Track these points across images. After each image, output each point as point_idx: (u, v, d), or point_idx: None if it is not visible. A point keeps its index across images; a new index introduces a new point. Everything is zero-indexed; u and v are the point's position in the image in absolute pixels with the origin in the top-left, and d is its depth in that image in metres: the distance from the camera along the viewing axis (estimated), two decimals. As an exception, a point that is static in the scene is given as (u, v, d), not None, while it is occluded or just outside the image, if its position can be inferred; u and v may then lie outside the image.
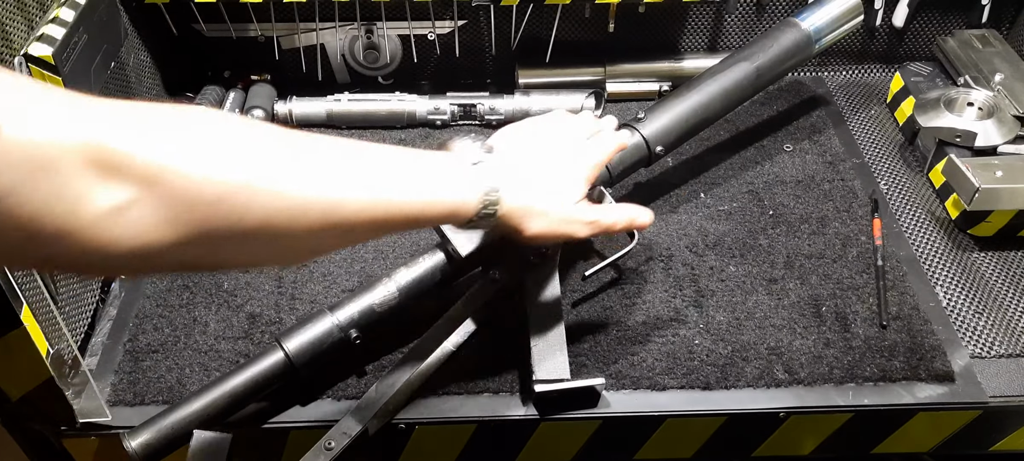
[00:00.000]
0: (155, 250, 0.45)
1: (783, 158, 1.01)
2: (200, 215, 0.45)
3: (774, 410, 0.74)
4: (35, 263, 0.46)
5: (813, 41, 0.94)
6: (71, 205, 0.41)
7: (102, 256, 0.44)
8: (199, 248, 0.46)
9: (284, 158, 0.48)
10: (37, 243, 0.42)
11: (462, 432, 0.75)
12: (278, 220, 0.48)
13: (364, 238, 0.55)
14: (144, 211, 0.43)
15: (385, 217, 0.53)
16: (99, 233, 0.43)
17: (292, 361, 0.70)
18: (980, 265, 0.89)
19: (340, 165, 0.51)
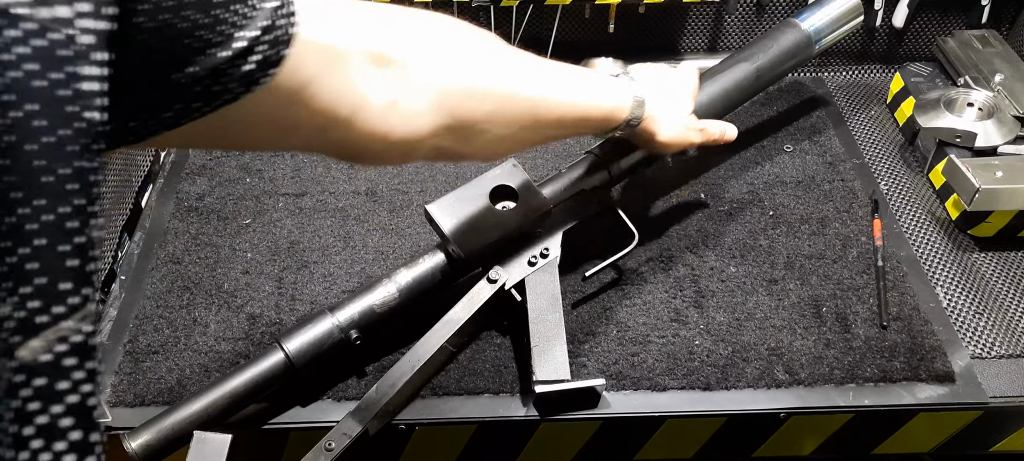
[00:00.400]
0: (417, 138, 0.55)
1: (783, 159, 1.01)
2: (453, 107, 0.56)
3: (774, 411, 0.74)
4: (326, 147, 0.55)
5: (813, 42, 0.94)
6: (359, 97, 0.51)
7: (380, 142, 0.53)
8: (449, 137, 0.57)
9: (510, 63, 0.61)
10: (330, 128, 0.50)
11: (462, 433, 0.75)
12: (503, 112, 0.60)
13: (546, 135, 0.68)
14: (413, 105, 0.54)
15: (567, 115, 0.65)
16: (379, 122, 0.52)
17: (292, 362, 0.70)
18: (980, 265, 0.89)
19: (541, 72, 0.63)
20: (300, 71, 0.46)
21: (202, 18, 0.41)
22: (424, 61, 0.54)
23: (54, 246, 0.31)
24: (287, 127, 0.50)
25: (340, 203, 0.95)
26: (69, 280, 0.32)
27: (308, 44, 0.46)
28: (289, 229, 0.92)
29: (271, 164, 1.01)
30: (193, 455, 0.67)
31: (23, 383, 0.31)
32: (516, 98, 0.60)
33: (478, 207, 0.76)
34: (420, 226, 0.92)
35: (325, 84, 0.48)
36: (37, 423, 0.32)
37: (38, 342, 0.31)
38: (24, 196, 0.30)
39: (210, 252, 0.89)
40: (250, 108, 0.45)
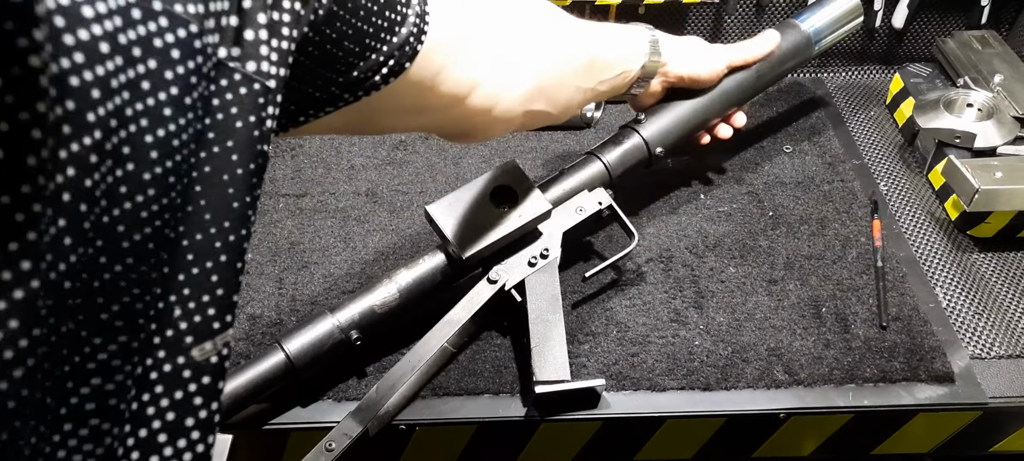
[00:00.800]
0: (517, 110, 0.64)
1: (783, 159, 1.01)
2: (541, 80, 0.65)
3: (774, 411, 0.74)
4: (445, 126, 0.64)
5: (813, 42, 0.94)
6: (474, 80, 0.58)
7: (488, 117, 0.62)
8: (540, 103, 0.66)
9: (574, 31, 0.70)
10: (451, 108, 0.58)
11: (462, 433, 0.75)
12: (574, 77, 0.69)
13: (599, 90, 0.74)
14: (512, 83, 0.62)
15: (611, 65, 0.74)
16: (489, 99, 0.60)
17: (293, 362, 0.70)
18: (980, 266, 0.89)
19: (591, 33, 0.72)
20: (432, 62, 0.53)
21: (366, 26, 0.46)
22: (515, 43, 0.63)
23: (231, 262, 0.35)
24: (418, 110, 0.57)
25: (340, 204, 0.95)
26: (236, 293, 0.36)
27: (438, 38, 0.53)
28: (289, 230, 0.92)
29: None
30: (194, 455, 0.67)
31: (191, 378, 0.35)
32: (581, 62, 0.70)
33: (478, 208, 0.76)
34: (420, 227, 0.92)
35: (451, 71, 0.56)
36: (200, 417, 0.35)
37: (209, 345, 0.35)
38: (212, 218, 0.34)
39: (210, 253, 0.89)
40: (389, 97, 0.52)
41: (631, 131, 0.86)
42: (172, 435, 0.35)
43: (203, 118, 0.33)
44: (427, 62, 0.52)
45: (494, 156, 1.02)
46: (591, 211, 0.81)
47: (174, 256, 0.33)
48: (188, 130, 0.32)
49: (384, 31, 0.48)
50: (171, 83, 0.30)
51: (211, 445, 0.36)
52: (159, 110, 0.30)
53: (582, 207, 0.81)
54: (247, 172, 0.35)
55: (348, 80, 0.48)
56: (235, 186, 0.35)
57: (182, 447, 0.35)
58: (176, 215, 0.33)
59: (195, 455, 0.35)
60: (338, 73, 0.47)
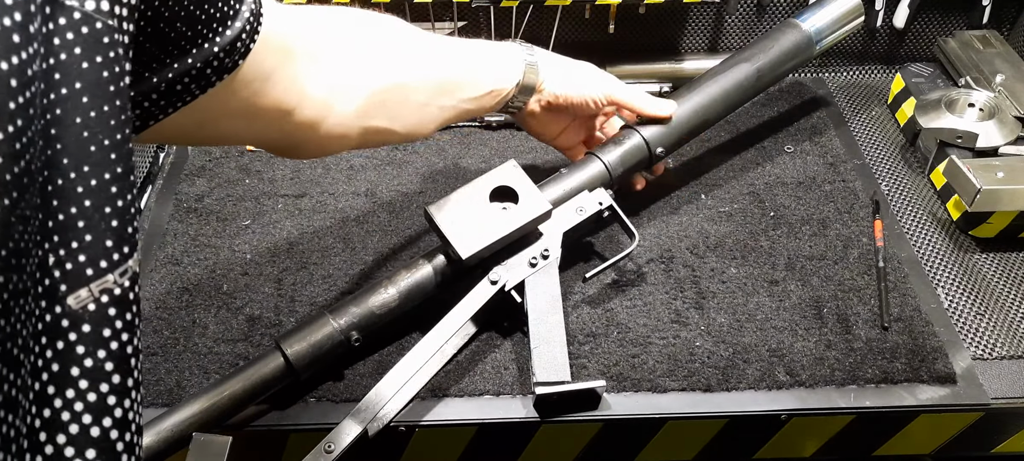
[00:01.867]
0: (349, 126, 0.63)
1: (784, 159, 1.01)
2: (378, 95, 0.64)
3: (775, 412, 0.74)
4: (275, 138, 0.62)
5: (814, 42, 0.94)
6: (300, 89, 0.58)
7: (317, 132, 0.61)
8: (378, 120, 0.65)
9: (422, 49, 0.69)
10: (281, 119, 0.58)
11: (462, 434, 0.75)
12: (420, 95, 0.68)
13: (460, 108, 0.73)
14: (343, 97, 0.61)
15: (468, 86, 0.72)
16: (317, 112, 0.60)
17: (292, 364, 0.70)
18: (981, 266, 0.88)
19: (446, 51, 0.72)
20: (264, 63, 0.53)
21: (197, 11, 0.47)
22: (351, 58, 0.62)
23: (99, 207, 0.35)
24: (248, 117, 0.56)
25: (340, 204, 0.95)
26: (111, 238, 0.36)
27: (270, 40, 0.53)
28: (288, 230, 0.91)
29: (270, 165, 1.01)
30: (193, 457, 0.67)
31: (70, 328, 0.35)
32: (434, 78, 0.69)
33: (478, 208, 0.76)
34: (420, 227, 0.91)
35: (280, 76, 0.56)
36: (84, 366, 0.35)
37: (84, 292, 0.35)
38: (71, 163, 0.34)
39: (209, 253, 0.89)
40: (223, 99, 0.52)
41: (631, 131, 0.86)
42: (59, 386, 0.35)
43: (47, 57, 0.33)
44: (258, 63, 0.53)
45: (494, 156, 1.02)
46: (591, 211, 0.81)
47: (40, 201, 0.33)
48: (35, 62, 0.32)
49: (216, 21, 0.48)
50: (11, 7, 0.31)
51: (109, 393, 0.36)
52: (6, 35, 0.30)
53: (582, 207, 0.81)
54: (102, 115, 0.35)
55: (182, 68, 0.48)
56: (91, 129, 0.35)
57: (71, 397, 0.35)
58: (37, 158, 0.33)
59: (86, 404, 0.35)
60: (172, 57, 0.47)
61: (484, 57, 0.74)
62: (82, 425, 0.35)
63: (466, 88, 0.72)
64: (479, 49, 0.75)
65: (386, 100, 0.65)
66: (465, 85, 0.72)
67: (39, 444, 0.34)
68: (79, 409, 0.35)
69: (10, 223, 0.31)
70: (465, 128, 1.07)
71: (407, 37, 0.69)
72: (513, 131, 1.07)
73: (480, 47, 0.75)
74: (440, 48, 0.71)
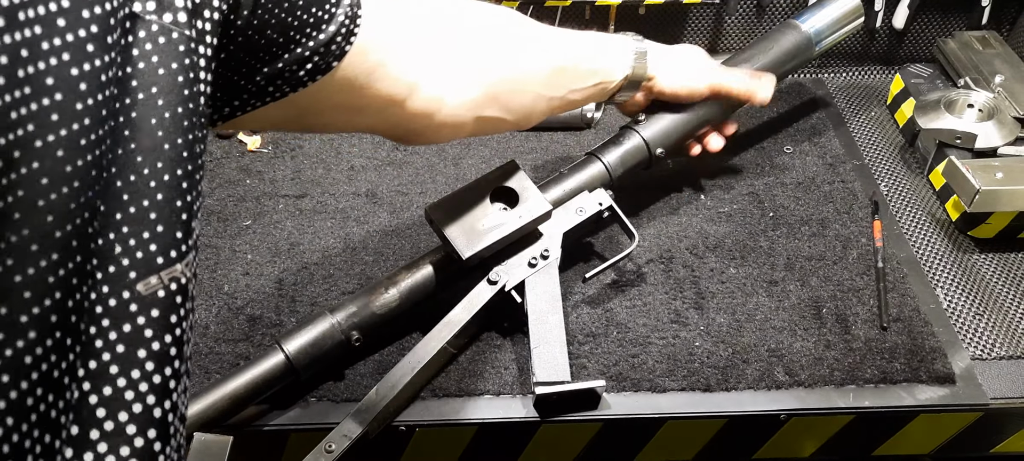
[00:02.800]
0: (464, 116, 0.64)
1: (783, 160, 1.01)
2: (493, 87, 0.65)
3: (775, 412, 0.74)
4: (387, 128, 0.63)
5: (813, 43, 0.94)
6: (413, 82, 0.59)
7: (431, 121, 0.62)
8: (492, 110, 0.66)
9: (536, 39, 0.70)
10: (389, 109, 0.59)
11: (462, 434, 0.75)
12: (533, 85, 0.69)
13: (570, 97, 0.74)
14: (458, 88, 0.62)
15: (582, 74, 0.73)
16: (431, 104, 0.61)
17: (292, 363, 0.70)
18: (980, 267, 0.89)
19: (560, 41, 0.72)
20: (366, 60, 0.54)
21: (290, 19, 0.48)
22: (463, 49, 0.63)
23: (170, 201, 0.38)
24: (353, 110, 0.57)
25: (340, 205, 0.95)
26: (180, 230, 0.38)
27: (373, 36, 0.53)
28: (289, 230, 0.92)
29: (271, 165, 1.01)
30: (193, 457, 0.67)
31: (139, 311, 0.37)
32: (544, 68, 0.69)
33: (478, 208, 0.76)
34: (420, 228, 0.92)
35: (387, 71, 0.56)
36: (152, 349, 0.37)
37: (154, 279, 0.37)
38: (145, 160, 0.37)
39: (210, 253, 0.89)
40: (321, 94, 0.53)
41: (631, 132, 0.86)
42: (123, 366, 0.36)
43: (124, 65, 0.36)
44: (359, 61, 0.53)
45: (494, 157, 1.02)
46: (591, 212, 0.81)
47: (109, 194, 0.35)
48: (111, 70, 0.34)
49: (309, 26, 0.49)
50: (88, 22, 0.33)
51: (170, 377, 0.38)
52: (80, 45, 0.33)
53: (582, 208, 0.81)
54: (176, 116, 0.38)
55: (273, 71, 0.49)
56: (165, 129, 0.37)
57: (136, 377, 0.36)
58: (107, 155, 0.35)
59: (152, 385, 0.37)
60: (262, 62, 0.48)
61: (594, 49, 0.75)
62: (146, 405, 0.37)
63: (575, 80, 0.72)
64: (589, 41, 0.75)
65: (500, 91, 0.65)
66: (575, 75, 0.72)
67: (97, 420, 0.35)
68: (144, 390, 0.37)
69: (70, 210, 0.33)
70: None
71: (517, 27, 0.69)
72: (513, 131, 1.07)
73: (590, 39, 0.75)
74: (550, 38, 0.71)
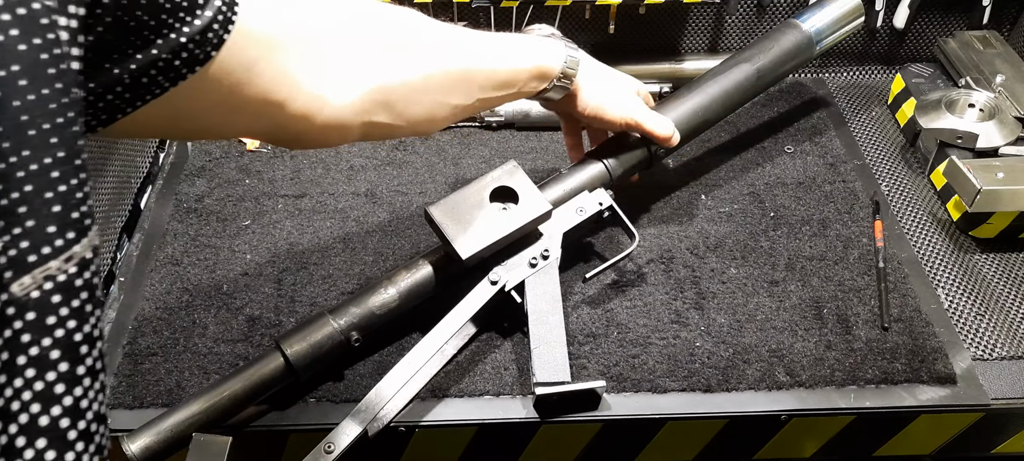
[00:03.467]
0: (347, 120, 0.60)
1: (784, 160, 1.01)
2: (381, 90, 0.61)
3: (775, 412, 0.74)
4: (267, 132, 0.60)
5: (814, 43, 0.94)
6: (292, 82, 0.55)
7: (311, 125, 0.58)
8: (381, 115, 0.62)
9: (437, 39, 0.66)
10: (268, 112, 0.55)
11: (462, 435, 0.75)
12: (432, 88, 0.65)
13: (481, 100, 0.70)
14: (341, 90, 0.58)
15: (495, 78, 0.69)
16: (311, 106, 0.57)
17: (292, 364, 0.70)
18: (982, 267, 0.88)
19: (467, 42, 0.68)
20: (244, 54, 0.51)
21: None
22: (348, 50, 0.59)
23: (40, 192, 0.35)
24: (231, 110, 0.54)
25: (340, 204, 0.95)
26: (54, 224, 0.35)
27: (252, 29, 0.50)
28: (288, 230, 0.91)
29: (270, 165, 1.00)
30: (192, 457, 0.67)
31: (15, 316, 0.34)
32: (445, 73, 0.65)
33: (478, 208, 0.76)
34: (420, 228, 0.91)
35: (264, 68, 0.53)
36: (30, 354, 0.35)
37: (28, 279, 0.34)
38: (12, 146, 0.33)
39: (209, 254, 0.89)
40: (200, 91, 0.50)
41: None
42: (8, 374, 0.34)
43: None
44: (238, 53, 0.50)
45: (494, 156, 1.02)
46: (592, 212, 0.81)
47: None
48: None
49: (182, 10, 0.46)
50: None
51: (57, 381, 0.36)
52: None
53: (582, 208, 0.81)
54: (41, 98, 0.35)
55: (148, 59, 0.47)
56: (31, 112, 0.34)
57: (19, 386, 0.34)
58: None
59: (34, 393, 0.35)
60: (135, 47, 0.46)
61: (510, 50, 0.71)
62: (31, 414, 0.35)
63: (487, 84, 0.69)
64: (504, 44, 0.71)
65: (392, 97, 0.62)
66: (485, 81, 0.69)
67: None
68: (27, 398, 0.35)
69: None
70: (465, 128, 1.07)
71: (418, 29, 0.65)
72: (513, 131, 1.07)
73: (506, 42, 0.72)
74: (456, 41, 0.68)
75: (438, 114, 0.67)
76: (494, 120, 1.06)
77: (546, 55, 0.73)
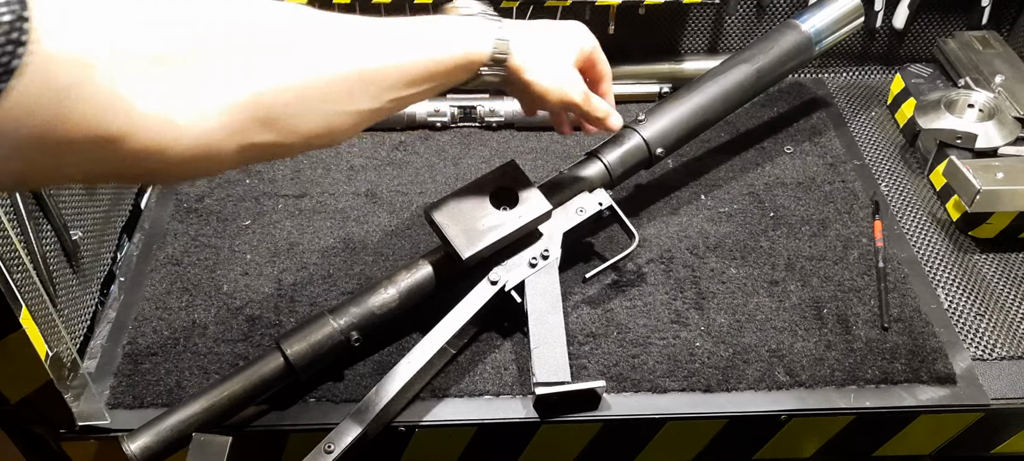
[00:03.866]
0: (212, 145, 0.47)
1: (784, 160, 1.01)
2: (257, 103, 0.48)
3: (775, 412, 0.74)
4: (113, 170, 0.47)
5: (813, 43, 0.94)
6: (127, 106, 0.43)
7: (164, 156, 0.45)
8: (261, 135, 0.50)
9: (328, 35, 0.54)
10: (105, 146, 0.43)
11: (462, 435, 0.75)
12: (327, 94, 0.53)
13: (394, 100, 0.59)
14: (200, 110, 0.46)
15: (411, 73, 0.58)
16: (158, 134, 0.45)
17: (292, 364, 0.70)
18: (981, 267, 0.89)
19: (368, 35, 0.56)
20: (51, 81, 0.40)
21: None
22: (210, 58, 0.47)
23: None
24: (53, 151, 0.42)
25: (340, 204, 0.95)
26: None
27: (54, 51, 0.40)
28: (289, 230, 0.91)
29: (271, 165, 1.00)
30: (192, 457, 0.67)
31: None
32: (342, 75, 0.54)
33: (478, 209, 0.76)
34: (420, 228, 0.91)
35: (83, 95, 0.41)
36: None
37: None
38: None
39: (209, 254, 0.89)
40: (4, 128, 0.39)
41: (631, 131, 0.85)
42: None
43: None
44: (40, 83, 0.39)
45: (494, 157, 1.02)
46: (591, 212, 0.81)
47: None
48: None
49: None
50: None
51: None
52: None
53: (582, 208, 0.81)
54: None
55: None
56: None
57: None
58: None
59: None
60: None
61: (428, 41, 0.61)
62: None
63: (400, 81, 0.58)
64: (424, 33, 0.61)
65: (273, 113, 0.50)
66: (396, 78, 0.58)
67: None
68: None
69: None
70: (465, 128, 1.07)
71: (300, 27, 0.53)
72: (513, 131, 1.07)
73: (426, 30, 0.61)
74: (354, 37, 0.56)
75: (339, 124, 0.55)
76: (494, 120, 1.06)
77: (470, 39, 0.63)
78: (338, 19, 0.55)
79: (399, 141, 1.05)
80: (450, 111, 1.06)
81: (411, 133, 1.07)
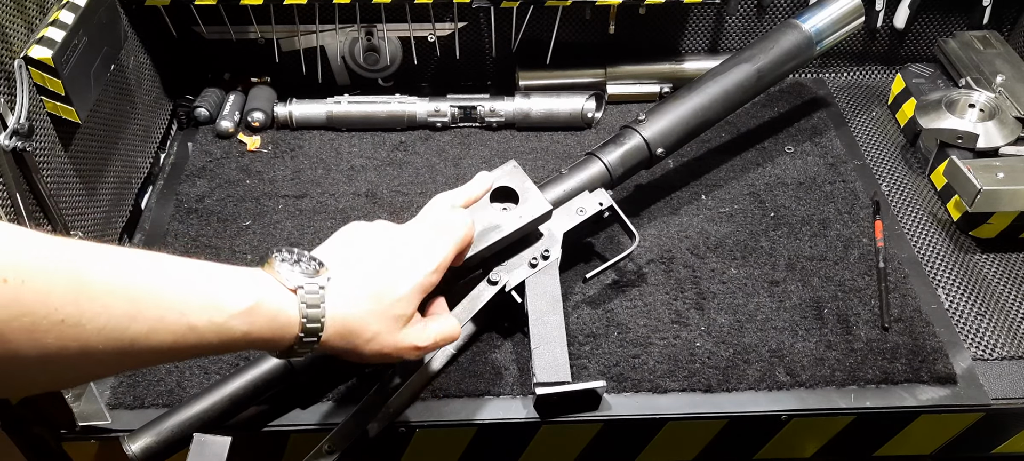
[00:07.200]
0: None
1: (784, 160, 1.01)
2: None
3: (776, 412, 0.74)
4: None
5: (814, 43, 0.94)
6: None
7: None
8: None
9: (41, 281, 0.40)
10: None
11: (463, 435, 0.75)
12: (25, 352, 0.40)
13: (136, 362, 0.47)
14: None
15: (173, 346, 0.46)
16: None
17: (292, 364, 0.70)
18: (982, 267, 0.88)
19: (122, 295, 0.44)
20: None
21: None
22: None
23: None
24: None
25: (340, 205, 0.95)
26: None
27: None
28: (289, 231, 0.91)
29: (271, 165, 1.01)
30: (193, 457, 0.67)
31: None
32: (64, 346, 0.41)
33: (479, 209, 0.76)
34: (420, 228, 0.91)
35: None
36: None
37: None
38: None
39: (210, 254, 0.89)
40: None
41: (632, 131, 0.86)
42: None
43: None
44: None
45: (494, 157, 1.02)
46: (592, 212, 0.81)
47: None
48: None
49: None
50: None
51: None
52: None
53: (583, 208, 0.81)
54: None
55: None
56: None
57: None
58: None
59: None
60: None
61: (201, 297, 0.48)
62: None
63: (156, 326, 0.45)
64: (189, 294, 0.48)
65: None
66: (148, 323, 0.45)
67: None
68: None
69: None
70: (465, 128, 1.07)
71: (19, 275, 0.39)
72: (513, 131, 1.07)
73: (195, 289, 0.48)
74: (97, 290, 0.42)
75: (39, 381, 0.44)
76: (494, 121, 1.06)
77: (266, 300, 0.51)
78: (59, 249, 0.42)
79: (399, 141, 1.05)
80: (450, 111, 1.06)
81: (411, 133, 1.07)
